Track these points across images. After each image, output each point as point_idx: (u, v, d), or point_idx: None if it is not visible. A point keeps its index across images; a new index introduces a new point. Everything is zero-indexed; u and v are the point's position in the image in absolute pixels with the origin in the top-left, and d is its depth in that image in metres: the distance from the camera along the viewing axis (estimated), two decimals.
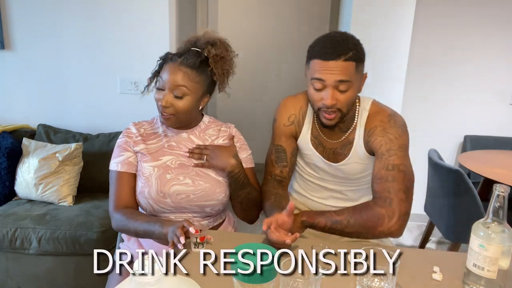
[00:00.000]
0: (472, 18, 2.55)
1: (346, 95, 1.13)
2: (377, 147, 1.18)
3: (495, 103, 2.66)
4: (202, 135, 1.31)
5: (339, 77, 1.10)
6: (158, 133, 1.30)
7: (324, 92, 1.13)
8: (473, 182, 1.91)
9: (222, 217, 1.35)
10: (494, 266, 0.83)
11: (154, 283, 0.59)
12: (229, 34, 1.40)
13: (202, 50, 1.23)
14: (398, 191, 1.09)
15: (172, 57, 1.20)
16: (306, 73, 1.19)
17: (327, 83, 1.11)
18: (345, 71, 1.10)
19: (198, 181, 1.24)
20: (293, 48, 3.78)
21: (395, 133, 1.17)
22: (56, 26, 2.39)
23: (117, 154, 1.27)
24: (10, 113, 2.53)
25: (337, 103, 1.13)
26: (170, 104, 1.18)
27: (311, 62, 1.15)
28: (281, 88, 3.92)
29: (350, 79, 1.11)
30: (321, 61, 1.11)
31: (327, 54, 1.10)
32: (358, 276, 0.85)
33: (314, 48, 1.16)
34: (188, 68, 1.18)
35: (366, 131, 1.22)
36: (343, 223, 1.11)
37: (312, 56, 1.15)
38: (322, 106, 1.14)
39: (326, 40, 1.14)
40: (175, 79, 1.17)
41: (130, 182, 1.25)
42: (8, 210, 1.99)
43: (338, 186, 1.33)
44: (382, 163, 1.14)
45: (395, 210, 1.08)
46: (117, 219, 1.21)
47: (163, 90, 1.19)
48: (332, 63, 1.09)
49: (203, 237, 1.02)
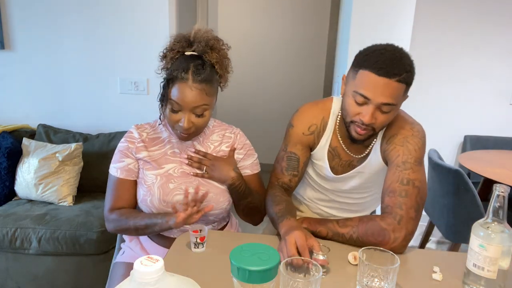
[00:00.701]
0: (472, 18, 2.55)
1: (386, 116, 1.06)
2: (394, 157, 1.11)
3: (495, 103, 2.66)
4: (205, 141, 1.28)
5: (385, 99, 1.01)
6: (161, 138, 1.26)
7: (365, 108, 1.05)
8: (473, 182, 1.91)
9: (225, 220, 1.35)
10: (494, 266, 0.83)
11: (154, 283, 0.59)
12: (229, 34, 1.40)
13: (203, 55, 1.15)
14: (410, 209, 1.02)
15: (180, 76, 1.10)
16: (348, 80, 1.10)
17: (372, 101, 1.03)
18: (394, 93, 1.02)
19: (201, 191, 1.20)
20: (293, 47, 3.78)
21: (415, 144, 1.10)
22: (56, 26, 2.39)
23: (117, 159, 1.23)
24: (10, 113, 2.53)
25: (375, 122, 1.06)
26: (191, 123, 1.13)
27: (359, 71, 1.04)
28: (281, 88, 3.93)
29: (396, 103, 1.03)
30: (372, 74, 1.01)
31: (381, 69, 1.00)
32: (358, 276, 0.85)
33: (367, 57, 1.04)
34: (203, 83, 1.11)
35: (385, 139, 1.16)
36: (345, 237, 1.06)
37: (363, 65, 1.04)
38: (358, 121, 1.07)
39: (384, 53, 1.02)
40: (194, 101, 1.10)
41: (129, 188, 1.22)
42: (8, 210, 1.99)
43: (343, 199, 1.31)
44: (396, 176, 1.07)
45: (402, 228, 1.01)
46: (113, 219, 1.19)
47: (180, 111, 1.12)
48: (383, 80, 1.00)
49: (203, 237, 1.02)
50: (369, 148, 1.20)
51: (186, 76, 1.10)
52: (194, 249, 1.02)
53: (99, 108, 2.49)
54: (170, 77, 1.12)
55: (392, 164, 1.10)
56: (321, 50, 3.74)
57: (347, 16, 2.35)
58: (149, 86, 2.40)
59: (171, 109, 1.13)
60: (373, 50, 1.05)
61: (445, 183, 1.94)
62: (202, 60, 1.14)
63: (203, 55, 1.15)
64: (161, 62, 1.20)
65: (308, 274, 0.79)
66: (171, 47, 1.17)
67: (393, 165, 1.10)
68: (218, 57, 1.17)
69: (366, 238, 1.03)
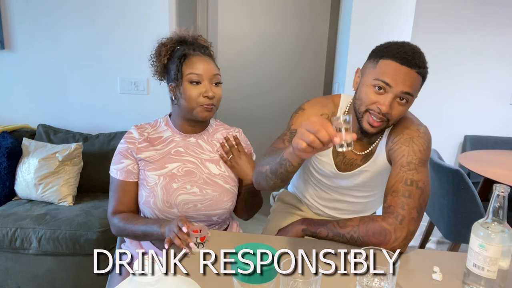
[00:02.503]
0: (472, 18, 2.54)
1: (402, 108, 1.07)
2: (398, 156, 1.10)
3: (495, 103, 2.66)
4: (210, 139, 1.28)
5: (406, 88, 1.04)
6: (163, 137, 1.25)
7: (383, 97, 1.05)
8: (473, 182, 1.91)
9: (226, 223, 1.34)
10: (494, 266, 0.83)
11: (154, 283, 0.59)
12: (229, 34, 1.41)
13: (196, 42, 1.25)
14: (412, 209, 1.01)
15: (191, 53, 1.19)
16: (366, 71, 1.10)
17: (393, 90, 1.04)
18: (413, 83, 1.05)
19: (205, 190, 1.21)
20: (293, 47, 3.78)
21: (420, 145, 1.10)
22: (56, 26, 2.39)
23: (117, 160, 1.22)
24: (10, 113, 2.53)
25: (391, 113, 1.06)
26: (214, 93, 1.18)
27: (381, 61, 1.06)
28: (281, 88, 3.93)
29: (413, 93, 1.06)
30: (395, 64, 1.03)
31: (405, 59, 1.03)
32: (358, 276, 0.85)
33: (389, 48, 1.07)
34: (210, 57, 1.22)
35: (391, 139, 1.15)
36: (345, 237, 1.05)
37: (384, 55, 1.06)
38: (375, 109, 1.06)
39: (405, 46, 1.07)
40: (211, 68, 1.18)
41: (129, 190, 1.22)
42: (8, 210, 1.99)
43: (344, 197, 1.30)
44: (400, 176, 1.06)
45: (404, 228, 1.00)
46: (114, 224, 1.20)
47: (200, 83, 1.17)
48: (406, 69, 1.03)
49: (203, 237, 1.02)
50: (373, 145, 1.19)
51: (196, 52, 1.19)
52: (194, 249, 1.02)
53: (99, 108, 2.49)
54: (182, 54, 1.18)
55: (397, 164, 1.09)
56: (321, 50, 3.74)
57: (347, 16, 2.35)
58: (149, 86, 2.40)
59: (190, 84, 1.17)
60: (393, 43, 1.08)
61: (445, 183, 1.94)
62: (203, 44, 1.25)
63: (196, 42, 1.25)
64: (155, 62, 1.24)
65: None
66: (163, 43, 1.24)
67: (397, 164, 1.09)
68: (205, 42, 1.27)
69: (367, 238, 1.02)
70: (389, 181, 1.08)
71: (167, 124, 1.27)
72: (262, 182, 1.10)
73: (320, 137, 0.81)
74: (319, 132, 0.81)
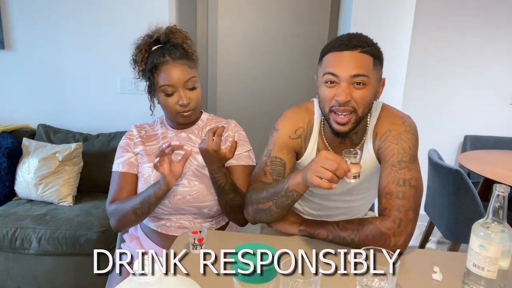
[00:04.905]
0: (472, 18, 2.54)
1: (362, 92, 1.02)
2: (389, 155, 1.07)
3: (495, 103, 2.66)
4: (200, 133, 1.31)
5: (354, 70, 1.00)
6: (158, 134, 1.31)
7: (337, 88, 1.02)
8: (473, 182, 1.91)
9: (225, 220, 1.34)
10: (494, 266, 0.83)
11: (154, 283, 0.59)
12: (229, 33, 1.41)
13: (169, 40, 1.23)
14: (408, 210, 1.00)
15: (160, 61, 1.17)
16: (318, 74, 1.10)
17: (341, 77, 1.01)
18: (360, 64, 1.01)
19: (193, 181, 1.24)
20: (293, 47, 3.78)
21: (409, 141, 1.08)
22: (56, 26, 2.39)
23: (119, 155, 1.28)
24: (10, 113, 2.53)
25: (351, 100, 1.02)
26: (189, 99, 1.18)
27: (324, 58, 1.06)
28: (281, 87, 3.92)
29: (367, 74, 1.01)
30: (335, 53, 1.03)
31: (342, 45, 1.02)
32: (358, 276, 0.85)
33: (328, 45, 1.08)
34: (182, 59, 1.18)
35: (378, 137, 1.12)
36: (346, 240, 1.03)
37: (325, 51, 1.07)
38: (335, 104, 1.03)
39: (342, 35, 1.07)
40: (182, 75, 1.17)
41: (131, 182, 1.25)
42: (8, 210, 1.99)
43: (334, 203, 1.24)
44: (392, 176, 1.04)
45: (402, 232, 0.99)
46: (112, 210, 1.20)
47: (174, 93, 1.18)
48: (347, 54, 1.01)
49: (201, 239, 1.02)
50: (357, 147, 1.15)
51: (165, 59, 1.17)
52: (193, 250, 1.02)
53: (99, 108, 2.48)
54: (152, 66, 1.18)
55: (387, 164, 1.07)
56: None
57: (347, 16, 2.35)
58: None
59: (165, 95, 1.18)
60: (332, 39, 1.09)
61: (445, 183, 1.94)
62: (170, 43, 1.22)
63: (169, 40, 1.22)
64: (135, 68, 1.26)
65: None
66: (138, 47, 1.24)
67: (388, 164, 1.07)
68: (182, 37, 1.24)
69: (367, 242, 1.01)
70: (381, 181, 1.07)
71: (162, 122, 1.34)
72: (264, 217, 1.10)
73: (338, 174, 0.89)
74: (338, 170, 0.89)
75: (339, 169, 0.89)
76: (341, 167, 0.89)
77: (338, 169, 0.89)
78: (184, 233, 1.14)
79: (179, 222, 1.25)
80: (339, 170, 0.88)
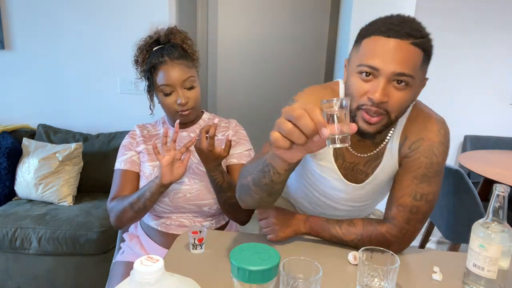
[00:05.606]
0: (472, 18, 2.54)
1: (402, 94, 0.84)
2: (414, 167, 0.96)
3: (495, 103, 2.66)
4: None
5: (400, 67, 0.81)
6: (159, 134, 1.32)
7: (373, 84, 0.84)
8: (473, 182, 1.91)
9: (225, 219, 1.35)
10: (494, 266, 0.83)
11: (154, 283, 0.59)
12: (229, 33, 1.40)
13: (169, 41, 1.24)
14: (417, 223, 0.97)
15: (158, 61, 1.18)
16: (351, 59, 0.91)
17: (382, 72, 0.82)
18: (409, 60, 0.81)
19: (193, 180, 1.24)
20: (293, 47, 3.78)
21: (440, 155, 0.97)
22: (56, 26, 2.39)
23: (121, 153, 1.29)
24: (10, 113, 2.53)
25: (388, 101, 0.84)
26: (187, 98, 1.19)
27: (363, 41, 0.86)
28: (281, 87, 3.93)
29: (413, 74, 0.83)
30: (380, 38, 0.82)
31: (390, 30, 0.81)
32: (358, 276, 0.85)
33: (371, 24, 0.87)
34: (180, 59, 1.19)
35: (408, 143, 0.98)
36: (349, 244, 1.02)
37: (367, 32, 0.85)
38: (366, 102, 0.85)
39: (392, 16, 0.86)
40: (180, 75, 1.18)
41: (132, 180, 1.26)
42: (8, 210, 2.00)
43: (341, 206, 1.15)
44: (410, 189, 0.95)
45: (407, 240, 0.99)
46: (112, 207, 1.21)
47: (172, 92, 1.19)
48: (395, 42, 0.81)
49: (201, 239, 1.02)
50: (380, 147, 1.00)
51: (164, 59, 1.18)
52: (193, 250, 1.02)
53: (99, 108, 2.49)
54: (151, 66, 1.20)
55: (410, 175, 0.96)
56: (321, 50, 3.74)
57: (347, 16, 2.35)
58: None
59: (163, 95, 1.20)
60: (378, 18, 0.88)
61: (445, 183, 1.94)
62: (170, 44, 1.23)
63: (169, 41, 1.24)
64: (137, 69, 1.27)
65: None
66: (139, 48, 1.26)
67: (410, 175, 0.96)
68: (181, 37, 1.25)
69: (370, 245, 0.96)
70: (397, 190, 0.98)
71: (164, 122, 1.35)
72: (245, 197, 0.91)
73: (300, 125, 0.61)
74: (300, 118, 0.61)
75: (302, 117, 0.60)
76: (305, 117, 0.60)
77: (300, 118, 0.61)
78: (184, 233, 1.14)
79: (179, 220, 1.26)
80: (302, 120, 0.60)
